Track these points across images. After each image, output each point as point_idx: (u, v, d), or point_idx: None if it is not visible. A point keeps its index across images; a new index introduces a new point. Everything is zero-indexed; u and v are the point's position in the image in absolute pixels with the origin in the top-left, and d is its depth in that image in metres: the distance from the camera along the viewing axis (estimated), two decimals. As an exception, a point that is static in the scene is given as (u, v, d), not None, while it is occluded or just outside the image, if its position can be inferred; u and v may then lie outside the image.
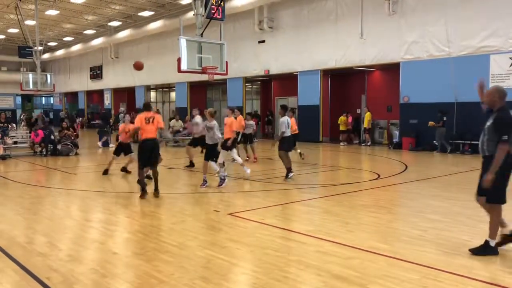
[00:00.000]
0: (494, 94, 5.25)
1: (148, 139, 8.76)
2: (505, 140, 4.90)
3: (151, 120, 8.75)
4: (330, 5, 21.35)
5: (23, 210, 7.86)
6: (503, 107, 5.15)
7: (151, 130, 8.75)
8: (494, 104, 5.23)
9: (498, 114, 5.11)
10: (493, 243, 5.14)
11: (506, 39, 15.76)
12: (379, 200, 8.57)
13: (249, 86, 30.15)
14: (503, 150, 4.91)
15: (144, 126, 8.72)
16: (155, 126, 8.80)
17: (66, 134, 17.50)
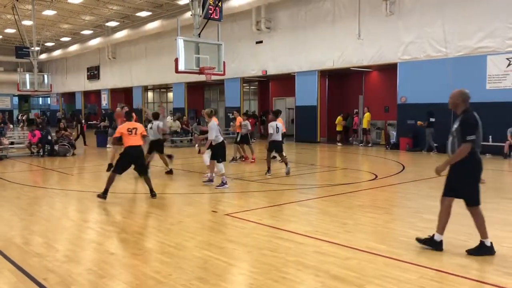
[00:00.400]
0: (457, 97, 5.36)
1: (132, 146, 8.54)
2: (469, 140, 5.04)
3: (134, 132, 8.58)
4: (328, 5, 21.38)
5: (20, 211, 7.84)
6: (467, 109, 5.29)
7: (135, 139, 8.59)
8: (458, 107, 5.36)
9: (464, 116, 5.24)
10: (488, 242, 5.18)
11: (503, 40, 15.81)
12: (377, 201, 8.58)
13: (247, 87, 30.17)
14: (465, 148, 5.07)
15: (127, 137, 8.54)
16: (138, 136, 8.67)
17: (63, 134, 17.46)
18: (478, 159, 5.17)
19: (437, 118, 17.21)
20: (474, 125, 5.14)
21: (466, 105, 5.30)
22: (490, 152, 15.89)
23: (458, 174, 5.20)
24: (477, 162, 5.16)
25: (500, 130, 15.42)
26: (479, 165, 5.19)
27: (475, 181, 5.20)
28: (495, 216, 7.21)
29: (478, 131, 5.14)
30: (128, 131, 8.56)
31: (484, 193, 9.32)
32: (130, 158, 8.61)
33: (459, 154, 5.08)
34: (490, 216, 7.19)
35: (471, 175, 5.17)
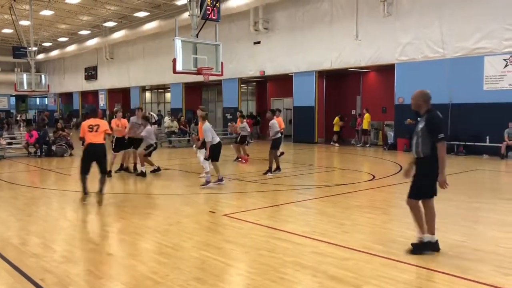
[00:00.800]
0: (419, 98, 5.37)
1: (92, 143, 8.21)
2: (442, 137, 5.08)
3: (95, 128, 8.24)
4: (325, 6, 21.40)
5: (17, 211, 7.82)
6: (430, 109, 5.32)
7: (96, 136, 8.23)
8: (421, 107, 5.36)
9: (428, 116, 5.26)
10: (434, 239, 5.25)
11: (500, 41, 15.86)
12: (374, 201, 8.59)
13: (245, 87, 30.17)
14: (443, 147, 5.10)
15: (87, 134, 8.22)
16: (100, 133, 8.28)
17: (61, 135, 17.43)
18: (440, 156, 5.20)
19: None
20: (440, 123, 5.22)
21: (429, 105, 5.35)
22: (487, 153, 15.94)
23: (428, 174, 5.22)
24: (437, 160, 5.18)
25: (497, 131, 15.46)
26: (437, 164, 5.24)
27: (423, 177, 5.25)
28: (492, 216, 7.24)
29: (445, 130, 5.21)
30: (89, 127, 8.23)
31: (481, 194, 9.41)
32: (91, 155, 8.28)
33: (442, 155, 5.09)
34: (487, 217, 7.24)
35: (433, 171, 5.18)
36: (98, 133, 8.26)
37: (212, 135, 9.86)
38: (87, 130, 8.24)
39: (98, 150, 8.28)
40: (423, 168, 5.24)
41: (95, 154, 8.28)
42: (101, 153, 8.35)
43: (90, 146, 8.22)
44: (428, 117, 5.24)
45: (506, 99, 15.64)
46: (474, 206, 8.08)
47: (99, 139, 8.29)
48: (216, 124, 31.24)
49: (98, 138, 8.28)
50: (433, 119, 5.21)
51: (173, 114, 26.37)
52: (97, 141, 8.26)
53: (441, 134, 5.07)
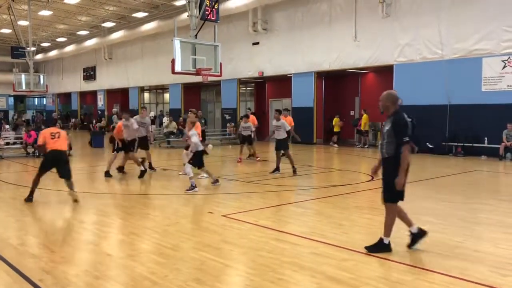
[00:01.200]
0: (386, 99, 5.43)
1: (54, 150, 8.47)
2: (407, 141, 5.13)
3: (57, 136, 8.59)
4: (324, 7, 21.42)
5: (15, 211, 7.81)
6: (397, 111, 5.37)
7: (58, 143, 8.53)
8: (388, 109, 5.42)
9: (394, 118, 5.31)
10: (387, 240, 5.32)
11: (498, 42, 15.89)
12: (373, 202, 8.59)
13: (243, 88, 30.17)
14: (405, 151, 5.15)
15: (49, 141, 8.46)
16: (62, 140, 8.60)
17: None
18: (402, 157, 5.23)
19: (432, 120, 17.28)
20: (406, 125, 5.24)
21: (396, 107, 5.39)
22: (485, 154, 15.96)
23: (392, 174, 5.27)
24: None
25: (496, 132, 15.49)
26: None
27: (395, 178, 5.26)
28: (491, 217, 7.25)
29: (409, 133, 5.24)
30: (51, 135, 8.52)
31: (480, 195, 9.42)
32: (52, 162, 8.58)
33: (405, 157, 5.14)
34: (486, 218, 7.25)
35: (393, 172, 5.25)
36: (60, 139, 8.59)
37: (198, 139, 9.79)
38: (49, 138, 8.50)
39: (60, 156, 8.57)
40: (388, 168, 5.34)
41: (56, 160, 8.54)
42: (62, 158, 8.64)
43: (51, 152, 8.48)
44: (394, 119, 5.29)
45: (504, 100, 15.67)
46: (472, 207, 8.09)
47: (61, 145, 8.59)
48: (214, 125, 31.26)
49: (60, 145, 8.58)
50: (399, 121, 5.26)
51: (171, 114, 26.38)
52: (59, 147, 8.55)
53: (405, 137, 5.13)
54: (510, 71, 15.69)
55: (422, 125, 17.78)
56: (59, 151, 8.50)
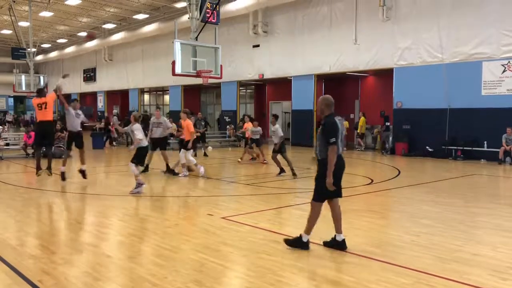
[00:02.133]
0: (321, 103, 5.59)
1: (42, 121, 9.21)
2: (333, 142, 5.26)
3: (44, 106, 9.17)
4: (325, 10, 21.47)
5: (15, 212, 7.81)
6: (330, 115, 5.51)
7: (45, 114, 9.25)
8: (323, 112, 5.57)
9: (325, 120, 5.48)
10: (306, 238, 5.48)
11: (498, 46, 15.92)
12: (372, 205, 8.60)
13: (243, 90, 30.19)
14: (332, 151, 5.28)
15: (37, 111, 9.14)
16: (48, 110, 9.30)
17: (60, 136, 17.40)
18: (339, 161, 5.40)
19: (432, 123, 17.32)
20: (334, 128, 5.38)
21: (331, 110, 5.53)
22: (485, 158, 15.98)
23: (322, 176, 5.38)
24: (338, 163, 5.37)
25: (495, 136, 15.51)
26: (340, 165, 5.45)
27: (323, 179, 5.37)
28: (490, 221, 7.26)
29: (337, 135, 5.37)
30: (38, 106, 9.04)
31: (479, 199, 9.43)
32: (42, 132, 9.23)
33: (331, 159, 5.28)
34: (485, 222, 7.26)
35: (321, 172, 5.38)
36: (47, 110, 9.25)
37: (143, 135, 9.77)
38: (37, 108, 9.21)
39: (45, 127, 9.41)
40: (321, 169, 5.44)
41: (43, 130, 9.39)
42: (48, 128, 9.52)
43: (40, 123, 9.29)
44: (325, 122, 5.46)
45: (504, 105, 15.70)
46: (471, 211, 8.10)
47: (45, 117, 9.33)
48: (214, 127, 31.27)
49: (45, 116, 9.34)
50: (328, 124, 5.41)
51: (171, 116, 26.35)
52: (44, 119, 9.33)
53: (333, 138, 5.26)
54: (510, 75, 15.72)
55: (421, 128, 17.86)
56: (45, 122, 9.39)
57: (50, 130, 9.63)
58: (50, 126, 9.65)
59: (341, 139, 5.49)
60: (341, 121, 5.58)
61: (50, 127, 9.61)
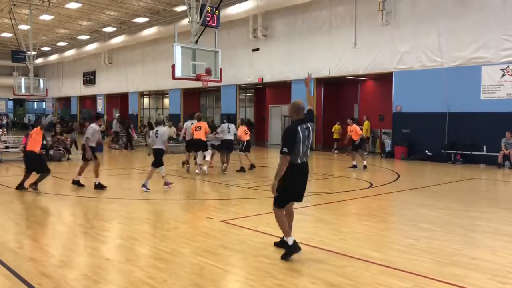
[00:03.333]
0: (290, 109, 5.53)
1: (27, 150, 10.13)
2: (284, 152, 5.18)
3: (30, 136, 9.99)
4: (324, 14, 21.52)
5: (14, 215, 7.81)
6: (294, 121, 5.42)
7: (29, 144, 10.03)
8: (292, 117, 5.51)
9: (286, 128, 5.43)
10: (291, 240, 5.38)
11: (497, 51, 15.97)
12: (372, 209, 8.61)
13: (243, 94, 30.23)
14: (282, 160, 5.24)
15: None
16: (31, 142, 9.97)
17: (59, 139, 17.42)
18: (296, 170, 5.34)
19: (431, 127, 17.34)
20: (291, 137, 5.27)
21: (299, 116, 5.42)
22: (484, 162, 16.00)
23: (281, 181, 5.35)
24: (293, 173, 5.32)
25: (494, 140, 15.53)
26: (300, 172, 5.42)
27: (289, 184, 5.36)
28: (489, 225, 7.26)
29: (297, 142, 5.28)
30: (195, 128, 10.38)
31: (478, 203, 9.44)
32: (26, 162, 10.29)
33: (279, 165, 5.26)
34: (484, 225, 7.26)
35: (287, 178, 5.31)
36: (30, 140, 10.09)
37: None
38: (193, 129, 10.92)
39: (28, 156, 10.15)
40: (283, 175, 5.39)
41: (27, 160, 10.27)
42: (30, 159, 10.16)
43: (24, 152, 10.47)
44: (285, 130, 5.41)
45: (503, 109, 15.73)
46: (470, 215, 8.11)
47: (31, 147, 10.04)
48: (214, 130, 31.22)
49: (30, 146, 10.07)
50: (285, 131, 5.38)
51: (170, 119, 26.41)
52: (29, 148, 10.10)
53: (285, 148, 5.19)
54: (509, 80, 15.76)
55: (421, 132, 17.88)
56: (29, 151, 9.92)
57: (33, 160, 10.00)
58: (32, 156, 10.00)
59: (307, 145, 5.40)
60: (309, 129, 5.45)
61: (32, 157, 9.99)
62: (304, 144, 5.34)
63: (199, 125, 13.23)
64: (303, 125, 5.37)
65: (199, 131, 13.09)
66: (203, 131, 13.10)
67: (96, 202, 9.12)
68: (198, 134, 13.09)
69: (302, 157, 5.39)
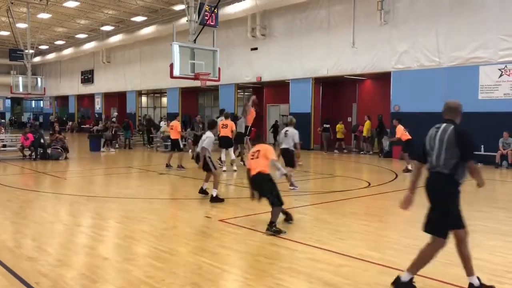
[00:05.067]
0: (454, 109, 5.03)
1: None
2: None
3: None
4: (323, 14, 21.52)
5: (12, 214, 7.79)
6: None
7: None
8: (456, 119, 5.00)
9: (464, 130, 4.91)
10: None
11: (495, 50, 15.99)
12: (370, 208, 8.62)
13: (241, 93, 30.21)
14: (475, 166, 4.82)
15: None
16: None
17: (57, 138, 17.39)
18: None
19: (429, 127, 17.23)
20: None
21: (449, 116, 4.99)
22: (482, 162, 16.01)
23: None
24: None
25: (492, 140, 15.56)
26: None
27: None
28: (487, 225, 7.28)
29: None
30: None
31: (476, 202, 9.45)
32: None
33: (479, 175, 4.85)
34: (482, 225, 7.28)
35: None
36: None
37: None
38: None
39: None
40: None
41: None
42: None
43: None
44: (465, 132, 4.74)
45: (500, 109, 15.75)
46: (468, 215, 8.06)
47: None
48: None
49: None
50: (469, 135, 4.71)
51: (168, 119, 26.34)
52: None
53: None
54: (507, 80, 15.79)
55: (419, 132, 17.87)
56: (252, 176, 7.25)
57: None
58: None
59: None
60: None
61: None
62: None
63: (226, 123, 13.63)
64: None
65: (226, 128, 13.50)
66: (229, 129, 13.54)
67: (94, 201, 9.09)
68: (225, 131, 13.47)
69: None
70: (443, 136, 4.49)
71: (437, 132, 4.61)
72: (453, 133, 4.38)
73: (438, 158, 4.51)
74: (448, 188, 4.38)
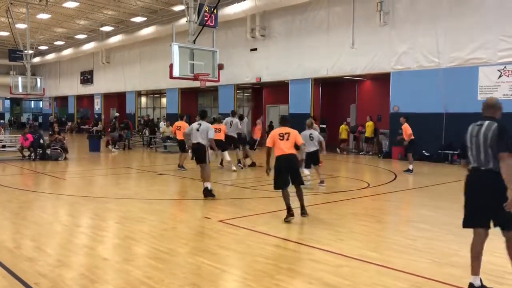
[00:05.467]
0: (493, 106, 4.87)
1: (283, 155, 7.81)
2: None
3: (286, 137, 7.50)
4: (322, 14, 21.53)
5: (11, 214, 7.78)
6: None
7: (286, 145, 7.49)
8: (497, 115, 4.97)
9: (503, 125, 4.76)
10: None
11: (494, 51, 16.00)
12: (369, 209, 8.62)
13: (240, 94, 30.21)
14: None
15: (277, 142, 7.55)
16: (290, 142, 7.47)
17: (57, 138, 17.37)
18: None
19: (428, 128, 17.36)
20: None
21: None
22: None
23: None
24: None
25: (491, 141, 15.55)
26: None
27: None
28: (486, 225, 7.27)
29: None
30: (279, 136, 7.51)
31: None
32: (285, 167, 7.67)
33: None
34: (481, 226, 7.26)
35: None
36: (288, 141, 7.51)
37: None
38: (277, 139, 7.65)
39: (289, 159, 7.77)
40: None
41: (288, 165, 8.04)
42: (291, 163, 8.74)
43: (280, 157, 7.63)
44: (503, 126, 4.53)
45: (500, 109, 15.74)
46: (468, 215, 8.10)
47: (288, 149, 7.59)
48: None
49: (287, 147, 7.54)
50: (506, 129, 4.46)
51: (168, 119, 26.37)
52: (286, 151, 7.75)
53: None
54: (506, 81, 15.80)
55: (418, 132, 17.88)
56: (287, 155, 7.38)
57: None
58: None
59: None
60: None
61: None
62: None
63: (219, 127, 13.71)
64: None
65: (219, 132, 13.47)
66: (222, 133, 13.69)
67: (93, 201, 9.09)
68: (218, 135, 13.17)
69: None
70: (487, 133, 4.40)
71: (480, 130, 4.48)
72: (497, 129, 4.35)
73: (485, 155, 4.41)
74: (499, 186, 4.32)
